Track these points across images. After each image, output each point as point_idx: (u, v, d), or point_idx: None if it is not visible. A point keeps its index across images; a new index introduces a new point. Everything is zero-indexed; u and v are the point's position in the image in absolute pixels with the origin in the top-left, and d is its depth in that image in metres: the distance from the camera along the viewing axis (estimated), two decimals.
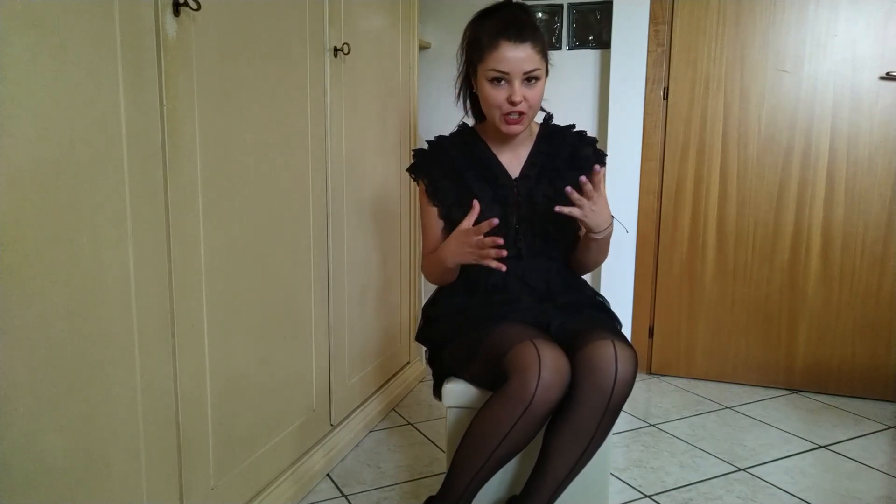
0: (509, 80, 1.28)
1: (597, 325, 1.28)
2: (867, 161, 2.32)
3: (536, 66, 1.28)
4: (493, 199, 1.39)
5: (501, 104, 1.30)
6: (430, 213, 1.45)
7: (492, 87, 1.30)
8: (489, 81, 1.30)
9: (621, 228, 2.60)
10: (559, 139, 1.44)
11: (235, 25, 1.27)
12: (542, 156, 1.42)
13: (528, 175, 1.41)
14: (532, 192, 1.39)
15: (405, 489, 1.70)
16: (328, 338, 1.75)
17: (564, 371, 1.16)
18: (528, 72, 1.28)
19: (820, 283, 2.42)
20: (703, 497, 1.68)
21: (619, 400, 1.18)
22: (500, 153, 1.43)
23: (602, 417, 1.18)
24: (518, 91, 1.28)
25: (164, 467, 1.14)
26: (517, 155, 1.43)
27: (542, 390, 1.13)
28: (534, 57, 1.28)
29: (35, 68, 0.85)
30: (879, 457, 1.92)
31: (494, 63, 1.28)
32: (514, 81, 1.28)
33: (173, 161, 1.11)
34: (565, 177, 1.38)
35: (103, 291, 0.98)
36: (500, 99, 1.30)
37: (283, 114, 1.47)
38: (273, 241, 1.46)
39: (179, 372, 1.16)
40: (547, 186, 1.39)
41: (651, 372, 2.68)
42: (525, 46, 1.27)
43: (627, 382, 1.18)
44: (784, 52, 2.36)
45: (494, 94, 1.30)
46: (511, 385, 1.15)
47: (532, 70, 1.28)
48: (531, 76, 1.29)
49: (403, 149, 2.27)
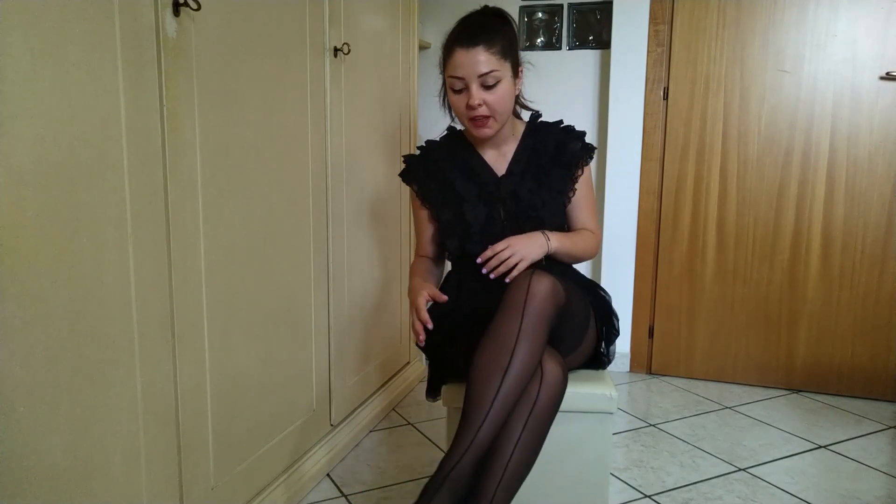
0: (467, 85, 1.30)
1: None
2: (867, 161, 2.32)
3: (493, 67, 1.28)
4: (478, 197, 1.41)
5: (463, 110, 1.33)
6: (421, 215, 1.50)
7: (453, 94, 1.34)
8: (451, 90, 1.34)
9: (623, 223, 2.61)
10: (544, 135, 1.46)
11: (235, 25, 1.27)
12: (527, 151, 1.44)
13: (513, 172, 1.43)
14: (516, 189, 1.40)
15: (405, 489, 1.70)
16: (328, 338, 1.75)
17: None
18: (484, 74, 1.28)
19: (820, 283, 2.42)
20: (703, 497, 1.68)
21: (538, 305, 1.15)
22: (485, 153, 1.45)
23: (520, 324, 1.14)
24: (475, 95, 1.29)
25: (164, 467, 1.14)
26: (502, 153, 1.45)
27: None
28: (489, 59, 1.28)
29: (35, 68, 0.85)
30: (879, 457, 1.92)
31: (451, 70, 1.31)
32: (470, 86, 1.30)
33: (173, 161, 1.11)
34: (550, 172, 1.41)
35: (103, 291, 0.98)
36: (461, 106, 1.33)
37: (283, 114, 1.47)
38: (273, 240, 1.46)
39: (179, 372, 1.16)
40: (531, 182, 1.41)
41: (651, 372, 2.68)
42: (477, 50, 1.28)
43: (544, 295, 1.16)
44: (784, 52, 2.36)
45: (456, 102, 1.34)
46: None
47: (488, 72, 1.28)
48: (488, 78, 1.29)
49: (403, 148, 2.27)
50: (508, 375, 1.12)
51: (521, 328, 1.14)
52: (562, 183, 1.43)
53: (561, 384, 1.17)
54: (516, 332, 1.14)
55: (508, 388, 1.12)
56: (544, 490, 1.33)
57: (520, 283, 1.18)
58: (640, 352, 2.68)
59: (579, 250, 1.42)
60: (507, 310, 1.16)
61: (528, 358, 1.13)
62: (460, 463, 1.10)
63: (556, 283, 1.19)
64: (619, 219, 2.63)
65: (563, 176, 1.43)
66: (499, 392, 1.11)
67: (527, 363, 1.13)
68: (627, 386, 2.54)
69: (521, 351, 1.13)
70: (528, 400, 1.15)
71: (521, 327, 1.14)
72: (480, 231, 1.38)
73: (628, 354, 2.69)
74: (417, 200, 1.49)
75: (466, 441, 1.11)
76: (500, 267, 1.30)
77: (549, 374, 1.16)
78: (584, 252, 1.43)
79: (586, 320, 1.35)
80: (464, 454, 1.10)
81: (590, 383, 1.34)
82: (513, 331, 1.14)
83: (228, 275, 1.30)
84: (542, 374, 1.16)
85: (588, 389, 1.32)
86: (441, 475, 1.10)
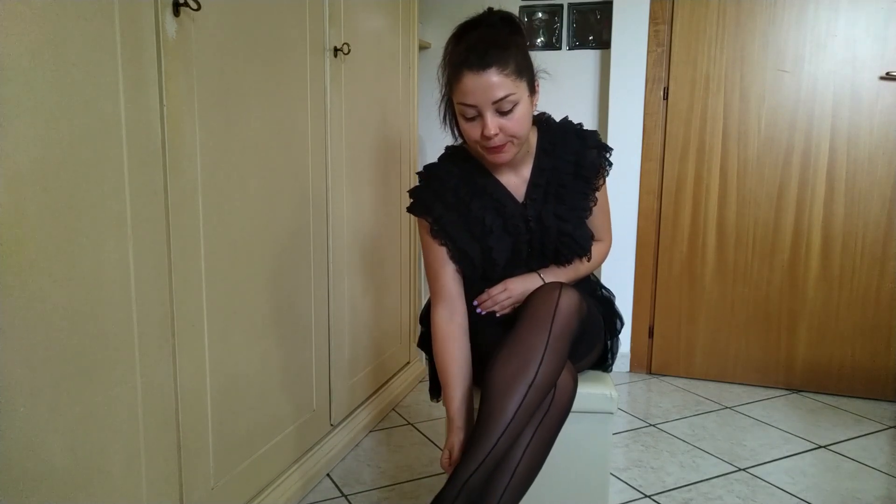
0: (480, 112, 1.17)
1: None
2: (867, 161, 2.32)
3: (508, 91, 1.15)
4: (504, 229, 1.29)
5: (478, 139, 1.20)
6: (438, 253, 1.31)
7: (465, 122, 1.20)
8: (462, 116, 1.20)
9: (624, 228, 2.60)
10: (561, 148, 1.33)
11: (235, 25, 1.27)
12: (545, 173, 1.32)
13: (534, 198, 1.32)
14: (541, 216, 1.30)
15: (405, 489, 1.70)
16: (328, 338, 1.75)
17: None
18: (499, 100, 1.15)
19: (820, 283, 2.42)
20: (703, 497, 1.68)
21: (564, 321, 1.15)
22: (500, 175, 1.32)
23: (548, 338, 1.14)
24: (490, 124, 1.16)
25: (164, 467, 1.14)
26: (519, 174, 1.33)
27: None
28: (503, 82, 1.14)
29: (35, 68, 0.85)
30: (879, 457, 1.92)
31: (461, 97, 1.17)
32: (485, 114, 1.16)
33: (173, 161, 1.11)
34: (572, 188, 1.32)
35: (103, 291, 0.98)
36: (475, 135, 1.20)
37: (283, 114, 1.47)
38: (273, 240, 1.46)
39: (179, 372, 1.16)
40: (556, 205, 1.31)
41: (651, 372, 2.68)
42: (490, 73, 1.14)
43: (571, 311, 1.16)
44: (784, 52, 2.36)
45: (469, 130, 1.20)
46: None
47: (503, 98, 1.15)
48: (504, 104, 1.16)
49: (403, 148, 2.27)
50: (532, 388, 1.11)
51: (549, 341, 1.14)
52: (584, 199, 1.33)
53: (572, 393, 1.18)
54: (543, 346, 1.13)
55: (530, 401, 1.12)
56: (544, 490, 1.33)
57: (548, 296, 1.18)
58: (640, 352, 2.68)
59: (581, 274, 1.39)
60: (534, 322, 1.16)
61: (551, 371, 1.13)
62: (476, 472, 1.09)
63: (582, 298, 1.20)
64: (619, 219, 2.61)
65: (584, 189, 1.33)
66: (522, 404, 1.11)
67: (549, 376, 1.13)
68: (627, 386, 2.54)
69: (546, 364, 1.13)
70: (541, 409, 1.15)
71: (548, 341, 1.14)
72: (503, 266, 1.31)
73: (628, 354, 2.69)
74: (430, 237, 1.31)
75: (483, 451, 1.10)
76: (494, 306, 1.31)
77: (562, 382, 1.17)
78: (587, 272, 1.41)
79: (599, 333, 1.36)
80: (480, 464, 1.10)
81: (590, 383, 1.34)
82: (539, 344, 1.14)
83: (228, 275, 1.30)
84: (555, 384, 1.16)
85: (588, 389, 1.32)
86: (457, 484, 1.09)
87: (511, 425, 1.10)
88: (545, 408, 1.15)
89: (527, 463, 1.14)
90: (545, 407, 1.15)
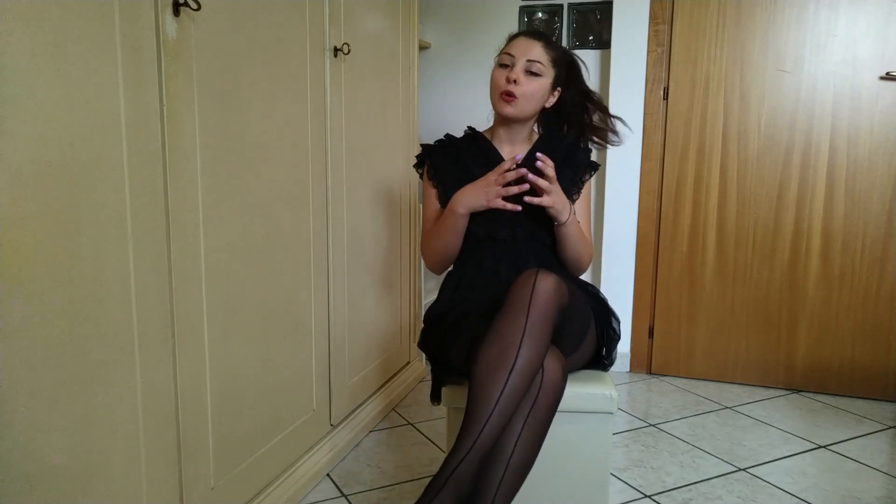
0: (513, 63, 1.42)
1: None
2: (867, 161, 2.32)
3: (540, 59, 1.42)
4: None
5: (500, 82, 1.43)
6: (430, 195, 1.54)
7: (498, 70, 1.45)
8: (498, 66, 1.45)
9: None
10: (556, 144, 1.53)
11: (235, 25, 1.27)
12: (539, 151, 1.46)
13: (525, 166, 1.43)
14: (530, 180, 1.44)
15: (405, 489, 1.70)
16: (328, 338, 1.75)
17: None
18: (531, 61, 1.41)
19: (820, 283, 2.42)
20: (703, 497, 1.68)
21: (542, 305, 1.16)
22: (501, 148, 1.53)
23: (525, 323, 1.15)
24: (516, 71, 1.41)
25: (164, 467, 1.14)
26: (516, 151, 1.50)
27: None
28: (542, 53, 1.43)
29: (35, 68, 0.85)
30: (879, 457, 1.92)
31: (507, 49, 1.45)
32: (516, 64, 1.42)
33: (173, 161, 1.11)
34: (560, 174, 1.44)
35: (103, 291, 0.98)
36: (500, 80, 1.43)
37: (283, 114, 1.47)
38: (273, 240, 1.46)
39: (179, 372, 1.16)
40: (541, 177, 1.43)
41: (651, 372, 2.68)
42: (537, 43, 1.43)
43: (548, 295, 1.17)
44: (784, 52, 2.36)
45: (497, 75, 1.45)
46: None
47: (536, 60, 1.42)
48: (533, 67, 1.42)
49: (403, 149, 2.27)
50: (514, 373, 1.12)
51: (527, 326, 1.14)
52: (569, 183, 1.49)
53: (561, 382, 1.18)
54: (521, 331, 1.14)
55: (513, 386, 1.12)
56: (544, 490, 1.33)
57: (524, 282, 1.19)
58: (640, 352, 2.68)
59: (584, 243, 1.46)
60: (512, 308, 1.17)
61: (532, 356, 1.14)
62: (464, 461, 1.10)
63: (561, 282, 1.20)
64: (619, 219, 2.63)
65: (571, 177, 1.50)
66: (504, 390, 1.11)
67: (531, 361, 1.13)
68: (627, 386, 2.54)
69: (525, 349, 1.13)
70: (529, 397, 1.15)
71: (526, 325, 1.14)
72: (486, 219, 1.42)
73: (628, 354, 2.69)
74: (427, 180, 1.54)
75: (471, 439, 1.10)
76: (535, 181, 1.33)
77: (549, 371, 1.17)
78: (586, 248, 1.46)
79: (587, 322, 1.35)
80: (468, 452, 1.10)
81: (590, 383, 1.34)
82: (518, 329, 1.14)
83: (228, 275, 1.30)
84: (542, 371, 1.16)
85: (588, 389, 1.32)
86: (445, 473, 1.10)
87: (496, 411, 1.11)
88: (533, 395, 1.15)
89: (520, 455, 1.14)
90: (533, 394, 1.15)
